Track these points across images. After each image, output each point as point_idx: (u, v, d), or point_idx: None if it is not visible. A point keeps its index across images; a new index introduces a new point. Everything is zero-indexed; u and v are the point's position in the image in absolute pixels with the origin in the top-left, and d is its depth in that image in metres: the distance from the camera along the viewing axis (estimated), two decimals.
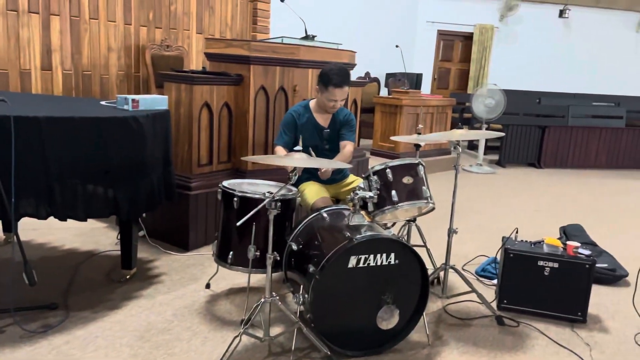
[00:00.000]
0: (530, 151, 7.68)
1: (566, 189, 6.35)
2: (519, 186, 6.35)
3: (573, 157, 7.76)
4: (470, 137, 2.69)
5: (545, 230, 4.44)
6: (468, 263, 3.58)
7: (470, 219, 4.73)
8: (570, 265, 2.75)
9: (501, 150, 7.67)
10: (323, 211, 2.58)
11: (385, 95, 7.46)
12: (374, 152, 6.64)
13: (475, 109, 7.06)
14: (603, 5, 10.17)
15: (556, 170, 7.52)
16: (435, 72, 10.20)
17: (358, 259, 2.23)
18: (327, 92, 2.94)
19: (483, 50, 9.98)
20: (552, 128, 7.67)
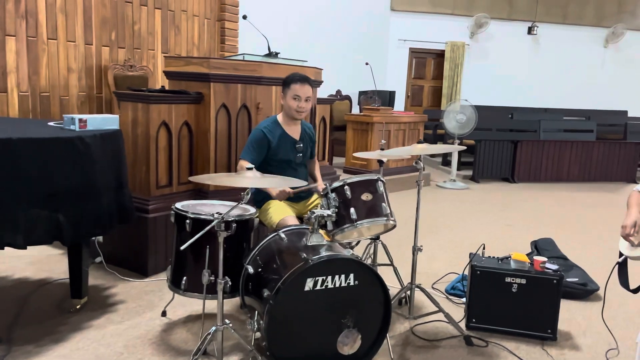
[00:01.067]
0: (504, 166, 7.71)
1: (539, 202, 6.37)
2: (492, 201, 6.34)
3: (546, 171, 7.81)
4: (431, 151, 2.64)
5: (516, 245, 4.40)
6: (438, 281, 3.51)
7: (442, 235, 4.68)
8: (538, 280, 2.70)
9: (475, 166, 7.69)
10: (282, 231, 2.49)
11: (357, 113, 7.45)
12: (346, 169, 6.58)
13: (447, 124, 7.08)
14: (571, 21, 10.41)
15: (529, 185, 7.56)
16: (408, 89, 10.27)
17: (315, 281, 2.14)
18: (290, 90, 2.91)
19: (455, 67, 10.10)
20: (525, 142, 7.73)
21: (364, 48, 9.03)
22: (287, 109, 2.97)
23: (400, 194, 6.26)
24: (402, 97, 10.05)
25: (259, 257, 2.43)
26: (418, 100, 10.46)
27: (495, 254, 3.38)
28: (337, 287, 2.18)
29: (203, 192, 3.62)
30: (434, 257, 4.05)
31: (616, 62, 10.78)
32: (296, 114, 2.95)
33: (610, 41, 10.58)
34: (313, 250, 2.24)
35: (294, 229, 2.53)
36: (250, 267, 2.37)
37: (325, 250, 2.24)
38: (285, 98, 2.95)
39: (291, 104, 2.93)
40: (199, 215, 2.41)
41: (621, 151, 8.02)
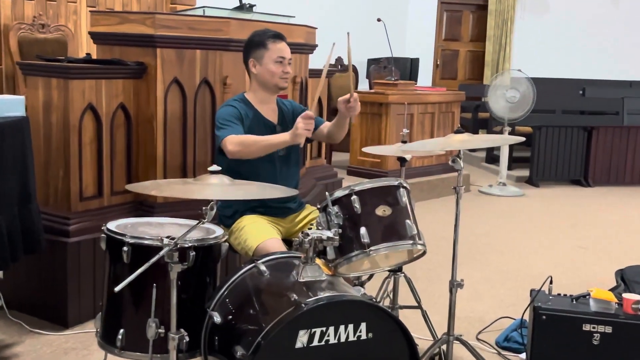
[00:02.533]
0: (573, 163, 7.71)
1: (623, 214, 6.37)
2: (558, 213, 6.34)
3: (632, 170, 7.81)
4: (474, 144, 2.60)
5: (595, 277, 4.40)
6: (485, 329, 3.49)
7: (490, 263, 4.67)
8: (630, 328, 2.67)
9: (532, 163, 7.68)
10: (261, 261, 2.44)
11: (366, 90, 7.42)
12: (352, 170, 6.58)
13: (494, 105, 7.07)
14: None
15: (609, 189, 7.56)
16: (437, 56, 10.27)
17: (311, 333, 2.09)
18: (268, 51, 2.93)
19: (503, 24, 10.11)
20: (602, 130, 7.73)
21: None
22: (266, 78, 2.96)
23: (427, 205, 6.24)
24: (428, 66, 10.04)
25: (229, 299, 2.37)
26: (451, 71, 10.46)
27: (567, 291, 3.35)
28: (343, 343, 2.13)
29: (147, 206, 3.58)
30: (479, 294, 4.02)
31: None
32: (281, 82, 2.97)
33: None
34: (307, 290, 2.19)
35: (279, 257, 2.48)
36: (216, 315, 2.31)
37: (326, 290, 2.19)
38: (261, 64, 2.96)
39: (274, 70, 2.94)
40: (141, 240, 2.36)
41: None
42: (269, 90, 3.00)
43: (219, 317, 2.30)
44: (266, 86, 2.99)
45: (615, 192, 7.45)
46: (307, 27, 4.28)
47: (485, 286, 4.18)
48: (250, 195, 2.25)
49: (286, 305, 2.12)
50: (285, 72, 2.96)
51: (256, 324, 2.19)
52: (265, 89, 3.00)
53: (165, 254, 2.05)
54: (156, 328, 2.25)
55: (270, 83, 2.97)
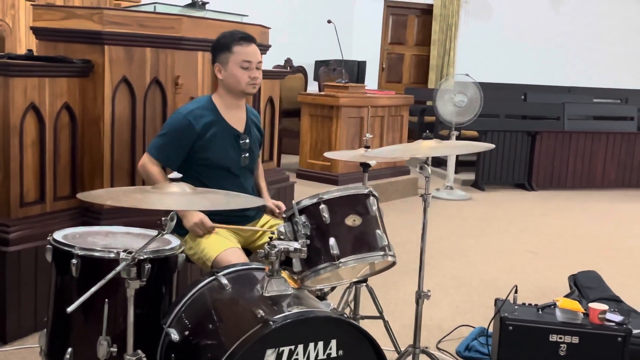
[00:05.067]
0: (517, 167, 7.80)
1: (569, 219, 6.46)
2: (505, 217, 6.38)
3: (574, 174, 7.96)
4: (444, 151, 2.52)
5: (548, 283, 4.42)
6: (445, 338, 3.43)
7: (442, 269, 4.63)
8: (596, 338, 2.66)
9: (478, 167, 7.74)
10: (222, 274, 2.31)
11: (316, 92, 7.32)
12: (301, 173, 6.47)
13: (442, 109, 7.08)
14: None
15: (553, 193, 7.68)
16: (383, 59, 10.27)
17: (279, 353, 1.98)
18: (234, 55, 2.76)
19: (447, 28, 10.18)
20: (545, 134, 7.85)
21: (321, 1, 8.93)
22: (232, 83, 2.82)
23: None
24: (374, 70, 10.03)
25: (188, 315, 2.25)
26: (396, 74, 10.48)
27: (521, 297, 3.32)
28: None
29: (93, 212, 3.45)
30: (435, 302, 3.94)
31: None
32: (249, 87, 2.82)
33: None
34: (274, 305, 2.08)
35: (241, 269, 2.36)
36: (173, 332, 2.19)
37: (293, 305, 2.09)
38: (226, 69, 2.81)
39: (240, 75, 2.78)
40: (91, 252, 2.22)
41: None
42: (236, 97, 2.85)
43: (176, 334, 2.19)
44: (233, 92, 2.84)
45: (558, 196, 7.56)
46: (261, 26, 4.16)
47: (440, 293, 4.12)
48: (217, 206, 2.10)
49: (252, 323, 2.01)
50: (252, 77, 2.79)
51: (219, 342, 2.09)
52: (232, 95, 2.85)
53: (122, 270, 1.88)
54: (108, 347, 2.12)
55: (237, 89, 2.81)
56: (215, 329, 2.16)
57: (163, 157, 2.78)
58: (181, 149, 2.78)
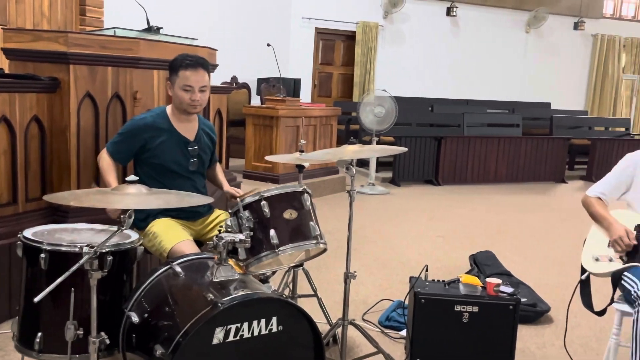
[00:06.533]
0: (427, 166, 7.91)
1: (468, 208, 6.57)
2: (418, 208, 6.44)
3: (472, 172, 8.13)
4: (366, 154, 2.50)
5: (453, 262, 4.45)
6: (369, 311, 3.41)
7: (366, 253, 4.61)
8: (492, 307, 2.66)
9: (395, 167, 7.80)
10: (176, 263, 2.21)
11: (258, 105, 7.23)
12: (247, 174, 6.36)
13: (364, 119, 7.09)
14: (491, 3, 10.99)
15: (455, 187, 7.81)
16: (315, 77, 10.24)
17: (227, 330, 1.92)
18: (179, 78, 2.65)
19: (368, 51, 10.23)
20: (448, 139, 7.98)
21: (262, 27, 8.83)
22: (177, 102, 2.71)
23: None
24: (308, 86, 9.98)
25: (146, 300, 2.14)
26: (327, 89, 10.46)
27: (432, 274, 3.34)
28: (257, 336, 1.97)
29: (62, 211, 3.25)
30: (360, 280, 3.94)
31: (538, 49, 11.58)
32: (190, 108, 2.69)
33: (532, 26, 11.34)
34: (222, 289, 2.00)
35: (193, 259, 2.27)
36: (133, 315, 2.08)
37: (239, 288, 2.02)
38: (173, 88, 2.69)
39: (181, 95, 2.65)
40: (58, 247, 2.08)
41: (548, 148, 8.57)
42: (181, 113, 2.73)
43: (136, 317, 2.08)
44: (178, 108, 2.73)
45: (460, 189, 7.70)
46: (209, 48, 4.04)
47: (365, 273, 4.11)
48: (170, 205, 2.01)
49: (203, 305, 1.93)
50: (193, 99, 2.64)
51: (174, 323, 1.99)
52: (179, 110, 2.74)
53: (85, 262, 1.78)
54: (74, 330, 2.00)
55: (180, 108, 2.70)
56: (170, 311, 2.07)
57: (114, 151, 2.71)
58: (130, 148, 2.70)
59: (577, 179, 8.83)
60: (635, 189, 2.58)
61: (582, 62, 12.05)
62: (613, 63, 12.08)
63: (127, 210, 1.80)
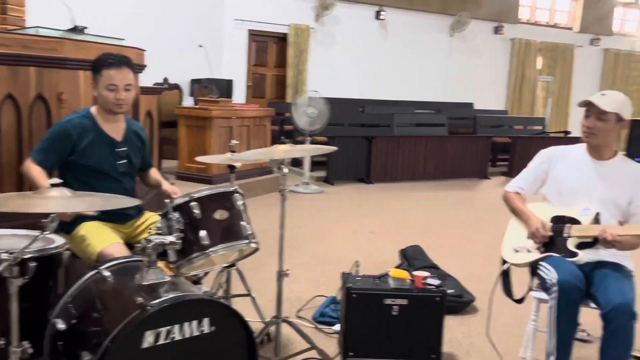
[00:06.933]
0: (359, 165, 7.99)
1: (398, 205, 6.69)
2: (351, 206, 6.50)
3: (402, 170, 8.28)
4: (297, 153, 2.49)
5: (385, 257, 4.51)
6: (304, 307, 3.40)
7: (302, 251, 4.60)
8: (420, 299, 2.72)
9: (328, 166, 7.84)
10: (104, 267, 2.12)
11: (191, 106, 7.09)
12: (181, 175, 6.22)
13: (297, 119, 7.09)
14: (417, 7, 11.23)
15: (386, 185, 7.93)
16: (248, 78, 10.14)
17: (157, 333, 1.86)
18: (102, 78, 2.56)
19: (300, 53, 10.22)
20: (379, 139, 8.09)
21: (195, 28, 8.66)
22: (101, 102, 2.61)
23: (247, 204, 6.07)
24: (241, 87, 9.88)
25: (73, 306, 2.05)
26: (260, 90, 10.37)
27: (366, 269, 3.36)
28: (188, 338, 1.93)
29: None
30: (295, 277, 3.91)
31: (462, 52, 11.93)
32: (115, 107, 2.60)
33: (455, 30, 11.67)
34: (152, 292, 1.94)
35: (121, 262, 2.19)
36: (59, 322, 1.99)
37: (169, 291, 1.96)
38: (97, 88, 2.60)
39: (106, 95, 2.57)
40: None
41: (472, 146, 8.86)
42: (107, 113, 2.64)
43: (62, 324, 2.00)
44: (103, 108, 2.63)
45: (390, 187, 7.83)
46: (136, 49, 3.92)
47: (300, 270, 4.10)
48: (93, 207, 1.93)
49: (132, 308, 1.87)
50: (118, 98, 2.56)
51: (102, 328, 1.92)
52: (104, 110, 2.64)
53: (4, 269, 1.67)
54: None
55: (105, 107, 2.61)
56: (99, 316, 1.99)
57: (42, 159, 2.57)
58: (58, 153, 2.58)
59: (499, 175, 9.16)
60: (549, 183, 2.69)
61: (502, 64, 12.52)
62: (530, 65, 12.62)
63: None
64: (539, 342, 2.64)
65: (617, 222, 2.40)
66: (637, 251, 2.47)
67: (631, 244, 2.41)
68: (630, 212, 2.51)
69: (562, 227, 2.51)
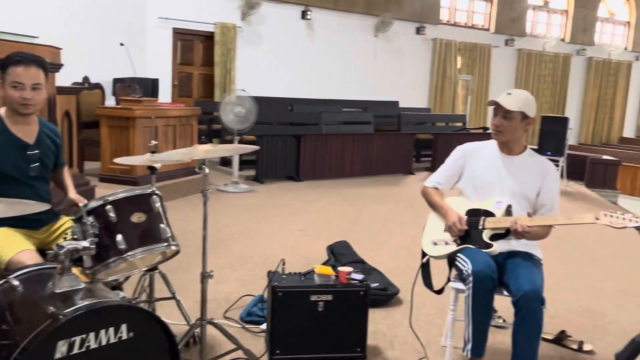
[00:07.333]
0: (288, 163, 7.97)
1: (327, 202, 6.72)
2: (280, 204, 6.47)
3: (330, 167, 8.34)
4: (217, 153, 2.43)
5: (312, 253, 4.52)
6: (231, 308, 3.34)
7: (230, 250, 4.54)
8: (344, 295, 2.73)
9: (257, 165, 7.78)
10: (13, 276, 2.00)
11: (113, 106, 6.84)
12: (104, 177, 5.98)
13: (225, 118, 6.98)
14: (342, 8, 11.34)
15: (315, 183, 7.96)
16: (174, 77, 9.90)
17: (70, 343, 1.77)
18: (9, 77, 2.40)
19: (227, 52, 10.08)
20: (307, 137, 8.11)
21: (117, 26, 8.36)
22: (8, 102, 2.46)
23: (174, 204, 5.93)
24: (167, 86, 9.63)
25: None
26: (187, 90, 10.15)
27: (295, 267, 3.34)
28: (105, 346, 1.84)
29: None
30: (223, 278, 3.87)
31: (387, 52, 12.15)
32: (21, 107, 2.44)
33: (379, 30, 11.86)
34: (65, 300, 1.85)
35: (33, 270, 2.07)
36: None
37: (83, 298, 1.87)
38: (4, 87, 2.44)
39: (12, 94, 2.41)
40: None
41: (397, 143, 9.05)
42: (16, 114, 2.48)
43: None
44: (11, 109, 2.47)
45: (319, 184, 7.87)
46: (51, 47, 3.74)
47: (228, 270, 4.05)
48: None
49: (43, 318, 1.76)
50: (23, 97, 2.41)
51: (12, 340, 1.79)
52: (12, 112, 2.48)
53: None
54: None
55: (11, 107, 2.45)
56: (8, 329, 1.86)
57: None
58: None
59: (423, 170, 9.39)
60: (465, 178, 2.77)
61: (424, 64, 12.84)
62: (450, 65, 13.02)
63: None
64: (458, 330, 2.71)
65: (526, 214, 2.50)
66: (546, 240, 2.59)
67: (540, 234, 2.52)
68: (539, 204, 2.62)
69: (477, 219, 2.59)
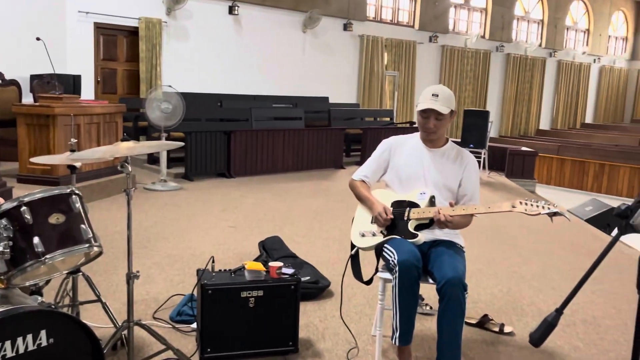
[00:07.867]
0: (219, 160, 7.86)
1: (258, 198, 6.69)
2: (210, 201, 6.37)
3: (262, 163, 8.29)
4: (140, 150, 2.36)
5: (244, 249, 4.49)
6: (161, 308, 3.26)
7: (158, 250, 4.43)
8: (275, 289, 2.73)
9: (186, 162, 7.62)
10: None
11: (31, 103, 6.49)
12: (22, 178, 5.68)
13: (151, 115, 6.79)
14: (269, 3, 11.27)
15: (247, 179, 7.90)
16: (97, 73, 9.52)
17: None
18: None
19: (152, 47, 9.80)
20: (238, 133, 8.03)
21: (33, 20, 7.94)
22: None
23: (99, 204, 5.73)
24: (90, 82, 9.25)
25: None
26: (111, 86, 9.79)
27: (226, 265, 3.30)
28: (24, 354, 1.75)
29: None
30: (151, 278, 3.77)
31: (315, 48, 12.20)
32: None
33: (308, 26, 11.89)
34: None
35: None
36: None
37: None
38: None
39: None
40: None
41: (328, 138, 9.12)
42: None
43: None
44: None
45: (251, 180, 7.81)
46: None
47: (156, 270, 3.94)
48: None
49: None
50: None
51: None
52: None
53: None
54: None
55: None
56: None
57: None
58: None
59: (353, 165, 9.51)
60: (390, 171, 2.83)
61: (352, 60, 12.99)
62: (377, 61, 13.24)
63: None
64: (387, 319, 2.77)
65: (448, 204, 2.58)
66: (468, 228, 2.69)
67: (462, 223, 2.61)
68: (460, 194, 2.72)
69: (402, 210, 2.65)
